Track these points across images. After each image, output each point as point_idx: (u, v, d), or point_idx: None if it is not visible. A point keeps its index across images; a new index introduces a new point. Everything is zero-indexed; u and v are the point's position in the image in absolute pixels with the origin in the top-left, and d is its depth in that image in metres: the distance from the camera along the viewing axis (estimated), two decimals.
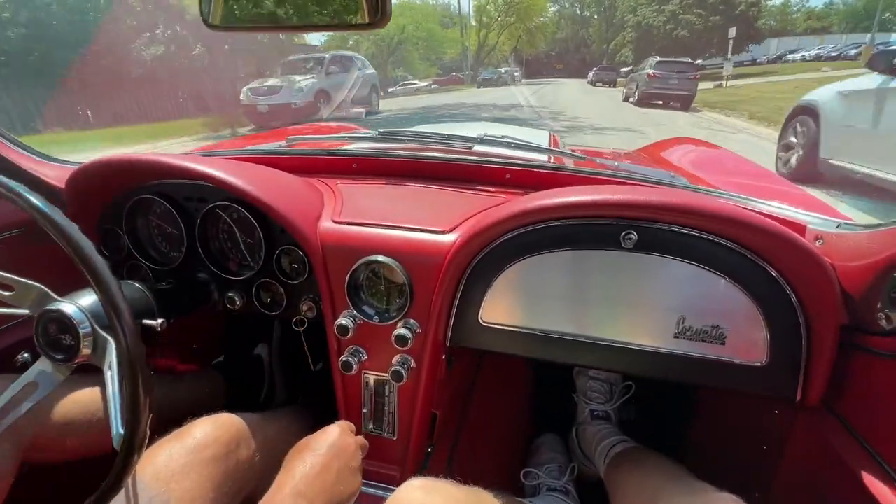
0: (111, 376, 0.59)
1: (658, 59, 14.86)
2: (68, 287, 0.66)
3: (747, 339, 0.70)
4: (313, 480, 0.62)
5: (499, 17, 40.64)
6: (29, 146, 0.96)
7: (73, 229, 0.54)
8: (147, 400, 0.52)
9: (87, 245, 0.55)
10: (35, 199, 0.52)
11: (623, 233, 0.70)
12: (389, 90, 28.71)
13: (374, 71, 12.72)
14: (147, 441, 0.53)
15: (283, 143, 1.16)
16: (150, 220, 0.95)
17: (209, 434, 0.69)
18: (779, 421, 0.83)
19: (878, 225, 0.63)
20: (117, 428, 0.53)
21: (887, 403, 0.61)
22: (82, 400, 0.81)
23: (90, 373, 0.75)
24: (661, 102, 14.40)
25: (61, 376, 0.64)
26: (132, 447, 0.50)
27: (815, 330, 0.67)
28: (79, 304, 0.65)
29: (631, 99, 16.22)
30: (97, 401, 0.82)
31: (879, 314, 0.59)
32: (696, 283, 0.70)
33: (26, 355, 0.94)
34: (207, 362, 1.27)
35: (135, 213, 0.93)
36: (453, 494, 0.61)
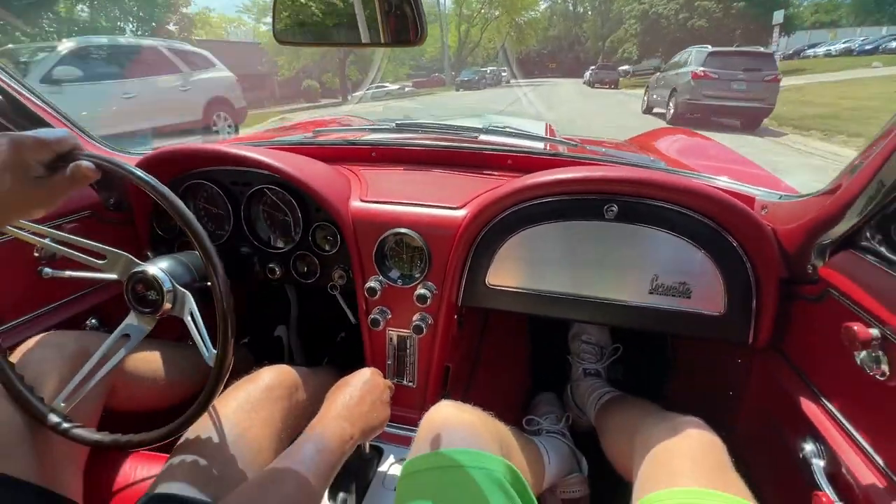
0: (191, 321, 0.74)
1: (709, 49, 9.28)
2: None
3: (708, 293, 0.85)
4: (353, 408, 0.75)
5: (481, 9, 37.97)
6: (98, 138, 1.10)
7: (179, 202, 0.67)
8: (233, 337, 0.66)
9: (191, 214, 0.68)
10: (146, 176, 0.65)
11: (605, 206, 0.85)
12: (357, 94, 25.93)
13: (228, 74, 8.29)
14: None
15: (310, 134, 1.30)
16: (199, 203, 1.09)
17: (275, 378, 0.85)
18: (740, 366, 0.98)
19: (807, 195, 0.78)
20: (210, 350, 0.68)
21: (816, 338, 0.76)
22: (150, 359, 0.95)
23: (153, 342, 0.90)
24: (720, 119, 9.08)
25: (148, 327, 0.78)
26: (224, 363, 0.65)
27: (761, 283, 0.81)
28: (160, 267, 0.79)
29: (661, 111, 10.65)
30: (160, 361, 0.96)
31: (808, 266, 0.74)
32: (667, 247, 0.85)
33: (94, 321, 1.10)
34: (236, 342, 1.41)
35: (185, 197, 1.08)
36: (478, 414, 0.75)
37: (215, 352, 0.66)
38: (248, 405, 0.78)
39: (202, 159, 1.00)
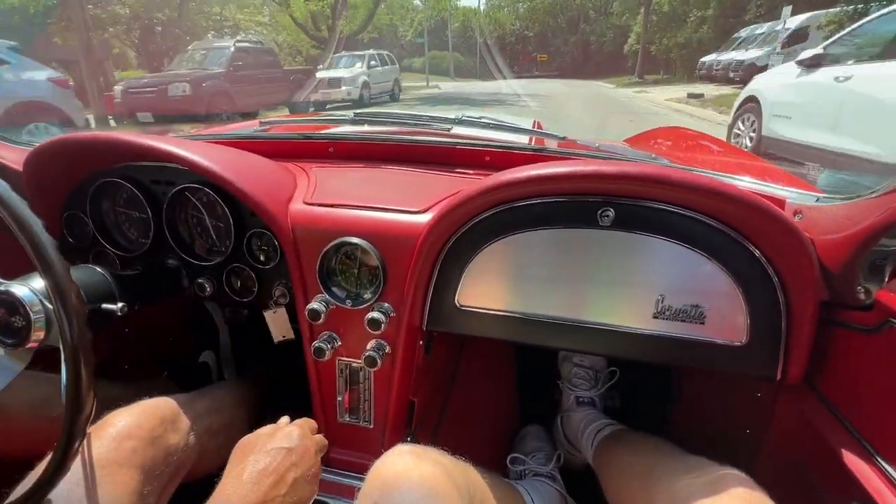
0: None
1: None
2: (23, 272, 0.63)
3: (727, 318, 0.69)
4: (265, 492, 0.55)
5: None
6: None
7: (18, 203, 0.51)
8: (90, 381, 0.49)
9: (35, 222, 0.51)
10: None
11: (600, 210, 0.68)
12: None
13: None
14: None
15: (257, 126, 1.13)
16: (117, 205, 0.92)
17: (131, 423, 0.64)
18: (761, 402, 0.82)
19: (855, 196, 0.61)
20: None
21: (865, 379, 0.60)
22: (27, 390, 0.77)
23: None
24: None
25: (20, 363, 0.60)
26: (74, 430, 0.47)
27: (794, 307, 0.65)
28: (29, 286, 0.62)
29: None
30: (43, 390, 0.78)
31: (859, 288, 0.58)
32: (675, 262, 0.69)
33: None
34: (160, 369, 1.23)
35: (99, 198, 0.90)
36: (443, 462, 0.58)
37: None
38: (91, 466, 0.58)
39: (109, 152, 0.82)
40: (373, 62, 13.33)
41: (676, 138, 1.69)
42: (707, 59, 15.61)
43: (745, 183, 0.78)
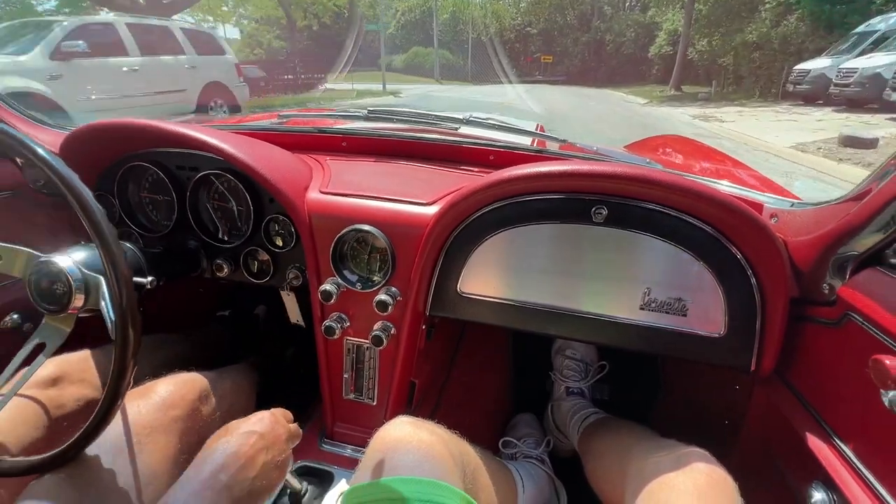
0: (108, 316, 0.62)
1: None
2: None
3: (707, 312, 0.75)
4: (234, 474, 0.56)
5: None
6: (25, 109, 0.98)
7: (75, 178, 0.56)
8: (135, 347, 0.55)
9: (87, 193, 0.57)
10: (40, 149, 0.55)
11: (594, 208, 0.74)
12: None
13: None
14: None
15: (276, 119, 1.19)
16: (142, 188, 0.98)
17: (174, 392, 0.72)
18: (737, 394, 0.87)
19: (825, 202, 0.68)
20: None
21: (828, 368, 0.66)
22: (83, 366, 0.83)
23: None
24: None
25: (66, 329, 0.65)
26: (123, 373, 0.53)
27: (768, 303, 0.71)
28: (74, 258, 0.68)
29: None
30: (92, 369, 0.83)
31: (824, 285, 0.64)
32: (662, 258, 0.75)
33: (16, 316, 0.97)
34: (211, 317, 1.32)
35: (126, 181, 0.96)
36: (439, 433, 0.63)
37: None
38: (137, 427, 0.65)
39: (140, 138, 0.88)
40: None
41: (676, 146, 1.75)
42: (808, 66, 10.74)
43: (726, 187, 0.84)
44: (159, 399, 0.70)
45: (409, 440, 0.60)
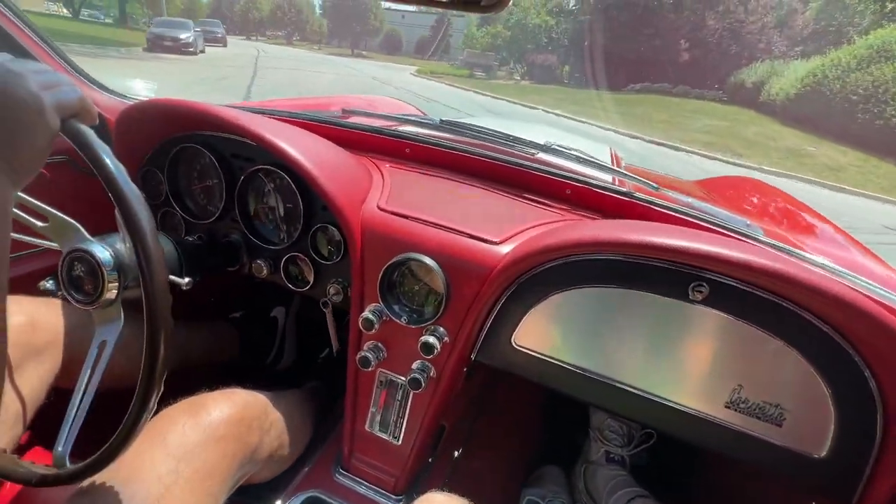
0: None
1: None
2: (108, 225, 0.63)
3: (809, 426, 0.63)
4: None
5: None
6: (84, 71, 0.93)
7: (121, 172, 0.50)
8: (166, 348, 0.49)
9: (134, 192, 0.51)
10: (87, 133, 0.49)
11: (693, 283, 0.63)
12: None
13: None
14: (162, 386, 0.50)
15: (338, 112, 1.11)
16: (193, 171, 0.92)
17: (227, 413, 0.66)
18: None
19: None
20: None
21: None
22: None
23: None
24: None
25: (118, 318, 0.61)
26: (153, 375, 0.48)
27: (893, 430, 0.58)
28: (114, 248, 0.62)
29: None
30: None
31: None
32: (764, 353, 0.63)
33: (50, 283, 0.94)
34: (226, 314, 1.26)
35: (178, 161, 0.90)
36: None
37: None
38: (179, 451, 0.59)
39: (195, 120, 0.82)
40: None
41: (755, 194, 1.58)
42: None
43: (864, 284, 0.71)
44: (208, 421, 0.64)
45: None
